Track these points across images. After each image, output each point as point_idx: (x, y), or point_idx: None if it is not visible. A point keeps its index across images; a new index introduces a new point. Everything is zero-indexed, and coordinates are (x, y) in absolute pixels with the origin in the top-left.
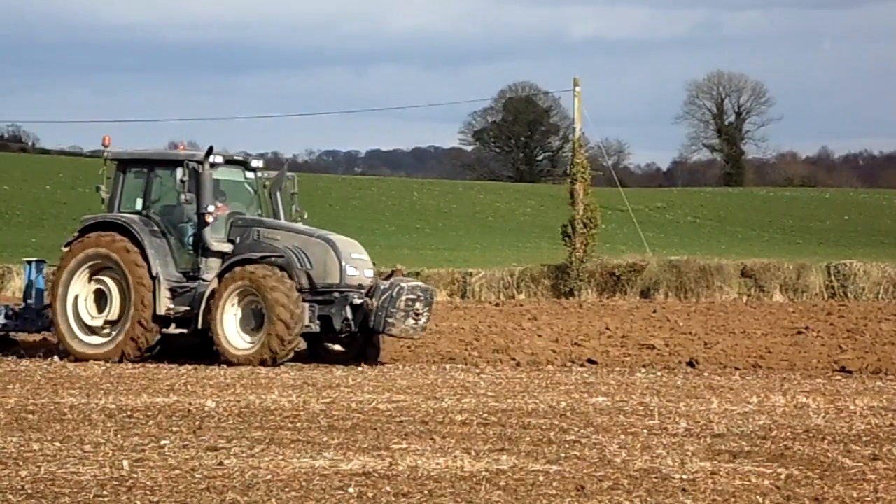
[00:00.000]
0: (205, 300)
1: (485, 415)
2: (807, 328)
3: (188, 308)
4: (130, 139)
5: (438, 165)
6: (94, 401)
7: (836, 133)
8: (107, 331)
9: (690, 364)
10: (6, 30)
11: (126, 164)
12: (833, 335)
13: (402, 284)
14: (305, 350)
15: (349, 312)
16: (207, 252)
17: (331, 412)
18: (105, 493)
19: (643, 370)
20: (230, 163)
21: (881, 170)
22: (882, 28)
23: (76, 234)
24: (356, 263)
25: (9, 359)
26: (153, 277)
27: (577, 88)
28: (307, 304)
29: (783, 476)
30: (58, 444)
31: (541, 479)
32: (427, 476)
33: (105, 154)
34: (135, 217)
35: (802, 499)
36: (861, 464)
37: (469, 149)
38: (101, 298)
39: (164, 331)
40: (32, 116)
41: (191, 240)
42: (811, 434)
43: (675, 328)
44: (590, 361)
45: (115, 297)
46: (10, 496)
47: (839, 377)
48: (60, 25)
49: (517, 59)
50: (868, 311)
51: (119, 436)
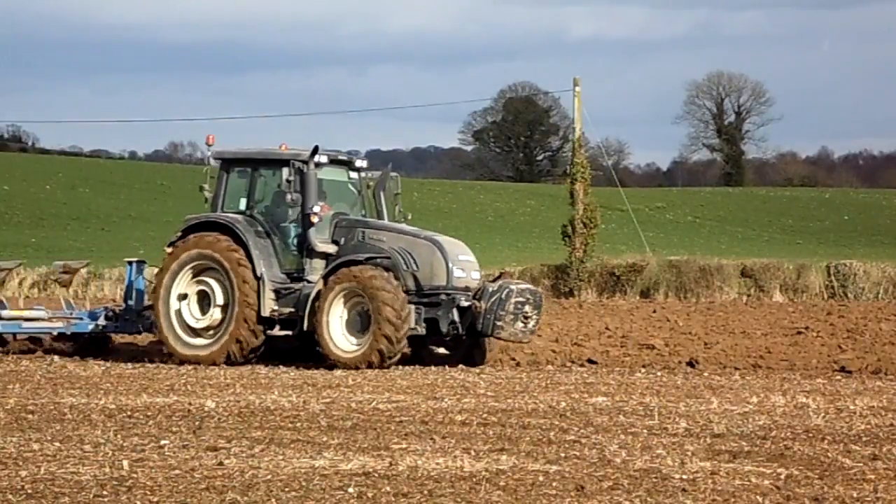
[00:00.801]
0: (310, 302)
1: (485, 415)
2: (807, 328)
3: (293, 309)
4: (130, 139)
5: (438, 165)
6: (94, 401)
7: (836, 133)
8: (210, 332)
9: (690, 364)
10: (6, 30)
11: (229, 164)
12: (833, 335)
13: (511, 287)
14: (409, 353)
15: (456, 315)
16: (312, 253)
17: (331, 412)
18: (105, 493)
19: (643, 370)
20: (334, 162)
21: (881, 170)
22: (882, 28)
23: (179, 235)
24: (463, 265)
25: (9, 358)
26: (257, 278)
27: (577, 88)
28: (413, 307)
29: (783, 476)
30: (58, 444)
31: (541, 479)
32: (427, 476)
33: (208, 153)
34: (239, 217)
35: (802, 499)
36: (861, 464)
37: (469, 149)
38: (205, 300)
39: (269, 332)
40: (32, 116)
41: (295, 240)
42: (811, 434)
43: (675, 328)
44: (590, 361)
45: (219, 299)
46: (10, 496)
47: (839, 377)
48: (60, 25)
49: (517, 59)
50: (868, 311)
51: (119, 436)
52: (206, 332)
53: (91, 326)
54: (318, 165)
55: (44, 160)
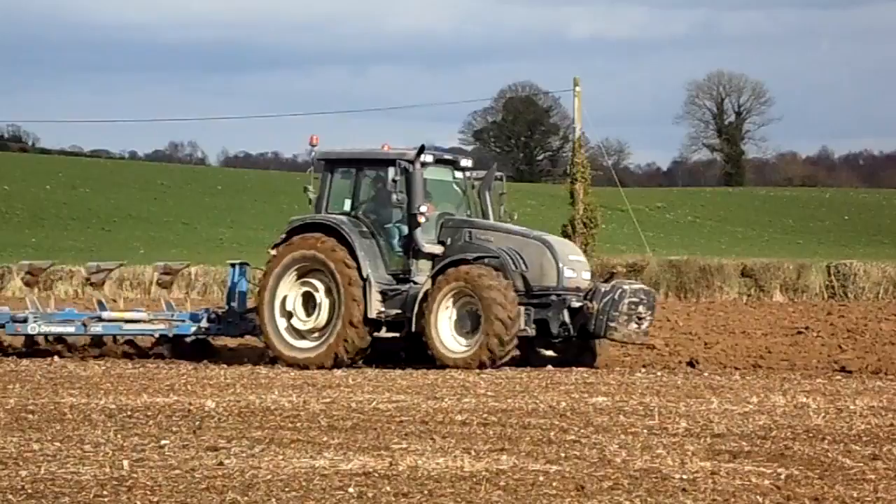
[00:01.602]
0: (418, 303)
1: (485, 415)
2: (807, 328)
3: (400, 311)
4: (131, 139)
5: None
6: (94, 401)
7: (836, 133)
8: (315, 335)
9: (690, 364)
10: (6, 30)
11: (334, 164)
12: (833, 335)
13: (625, 287)
14: (517, 356)
15: (567, 316)
16: (418, 254)
17: (331, 412)
18: (105, 493)
19: (643, 370)
20: (440, 162)
21: (881, 170)
22: (882, 28)
23: (283, 236)
24: (573, 265)
25: (9, 359)
26: (364, 279)
27: (577, 88)
28: (522, 308)
29: (783, 476)
30: (58, 444)
31: (541, 479)
32: (427, 476)
33: (312, 154)
34: (344, 218)
35: (802, 499)
36: (861, 464)
37: (469, 149)
38: (310, 301)
39: (376, 334)
40: (32, 116)
41: (400, 241)
42: (811, 434)
43: (675, 328)
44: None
45: (325, 301)
46: (10, 496)
47: (839, 377)
48: (60, 25)
49: (517, 59)
50: (868, 311)
51: (119, 436)
52: (312, 335)
53: (193, 328)
54: (424, 165)
55: (44, 160)
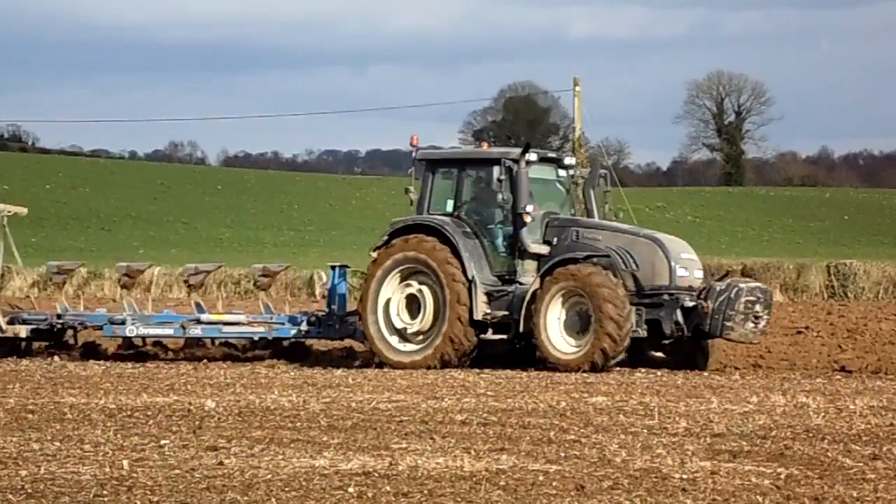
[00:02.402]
0: (525, 304)
1: (485, 415)
2: (807, 328)
3: (506, 312)
4: (130, 139)
5: None
6: (94, 401)
7: (836, 133)
8: (420, 337)
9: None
10: (6, 30)
11: (435, 165)
12: (833, 335)
13: (741, 285)
14: (626, 358)
15: (680, 316)
16: (524, 254)
17: (331, 412)
18: (105, 493)
19: (643, 370)
20: (544, 160)
21: (881, 170)
22: (882, 28)
23: (385, 238)
24: (686, 264)
25: (9, 359)
26: (469, 281)
27: (577, 88)
28: (633, 308)
29: (783, 476)
30: (58, 444)
31: (541, 479)
32: (427, 476)
33: (413, 154)
34: (447, 219)
35: (802, 499)
36: (861, 464)
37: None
38: (413, 304)
39: (482, 336)
40: (32, 116)
41: (505, 241)
42: (811, 434)
43: None
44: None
45: (429, 303)
46: (10, 496)
47: (839, 377)
48: (60, 25)
49: (517, 59)
50: (868, 311)
51: (119, 436)
52: (416, 338)
53: (293, 332)
54: (529, 164)
55: (44, 160)
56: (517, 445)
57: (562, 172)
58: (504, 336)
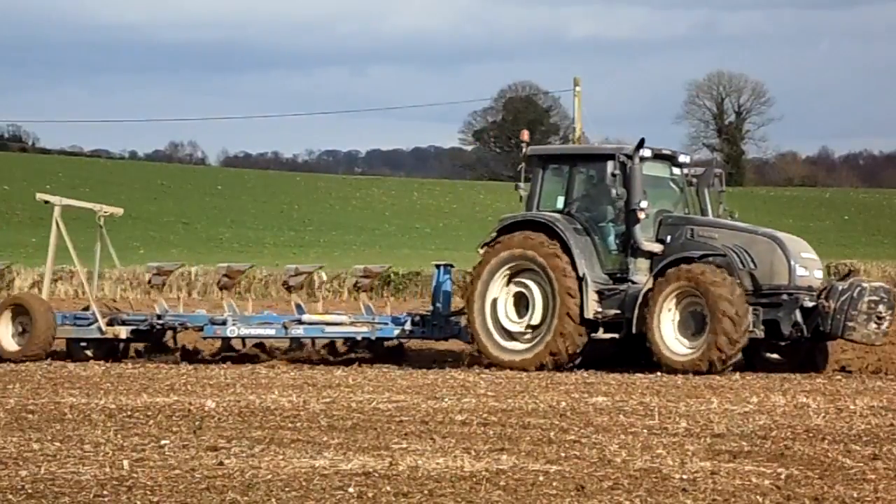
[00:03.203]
0: (638, 303)
1: (485, 415)
2: None
3: (618, 311)
4: (130, 139)
5: (438, 165)
6: (94, 401)
7: (836, 133)
8: (528, 336)
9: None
10: (6, 30)
11: (545, 161)
12: None
13: (864, 285)
14: (741, 359)
15: (799, 316)
16: (637, 252)
17: (331, 412)
18: (105, 493)
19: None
20: (658, 157)
21: (881, 170)
22: (882, 28)
23: (494, 235)
24: (806, 263)
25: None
26: (580, 279)
27: (577, 88)
28: (751, 308)
29: (783, 476)
30: (58, 444)
31: (541, 479)
32: (427, 476)
33: (523, 150)
34: (557, 216)
35: (802, 499)
36: (861, 464)
37: (469, 149)
38: (522, 302)
39: (593, 336)
40: (32, 116)
41: (617, 239)
42: (811, 434)
43: None
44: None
45: (538, 301)
46: (10, 496)
47: (839, 377)
48: (60, 25)
49: (517, 59)
50: None
51: (119, 436)
52: (524, 337)
53: (397, 332)
54: (643, 160)
55: (44, 160)
56: (517, 445)
57: (675, 170)
58: (615, 335)
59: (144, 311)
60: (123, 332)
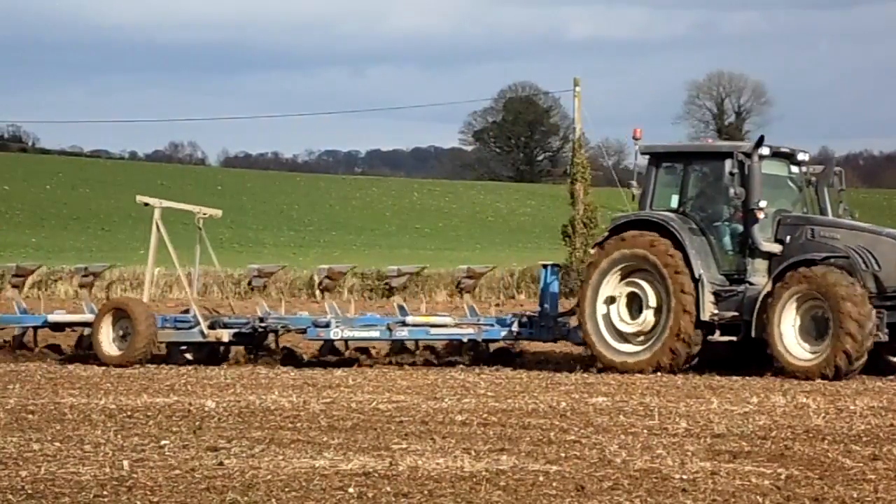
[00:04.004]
0: (757, 305)
1: (485, 415)
2: None
3: (735, 313)
4: (130, 139)
5: (438, 165)
6: (94, 401)
7: (836, 133)
8: (641, 338)
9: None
10: (6, 30)
11: (659, 159)
12: None
13: None
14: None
15: None
16: (755, 252)
17: (331, 412)
18: (105, 493)
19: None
20: (776, 155)
21: (881, 170)
22: (882, 28)
23: (606, 234)
24: None
25: (9, 358)
26: (695, 280)
27: (577, 88)
28: (874, 311)
29: (783, 476)
30: (58, 444)
31: (541, 479)
32: (427, 476)
33: (636, 148)
34: (672, 215)
35: (802, 499)
36: (861, 464)
37: (469, 149)
38: (635, 303)
39: (709, 338)
40: (32, 116)
41: (733, 239)
42: (811, 434)
43: None
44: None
45: (652, 302)
46: (10, 496)
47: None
48: (60, 25)
49: (517, 59)
50: None
51: (119, 436)
52: (637, 338)
53: (503, 333)
54: (761, 158)
55: (44, 160)
56: (517, 446)
57: (794, 168)
58: (733, 338)
59: (246, 315)
60: (226, 336)
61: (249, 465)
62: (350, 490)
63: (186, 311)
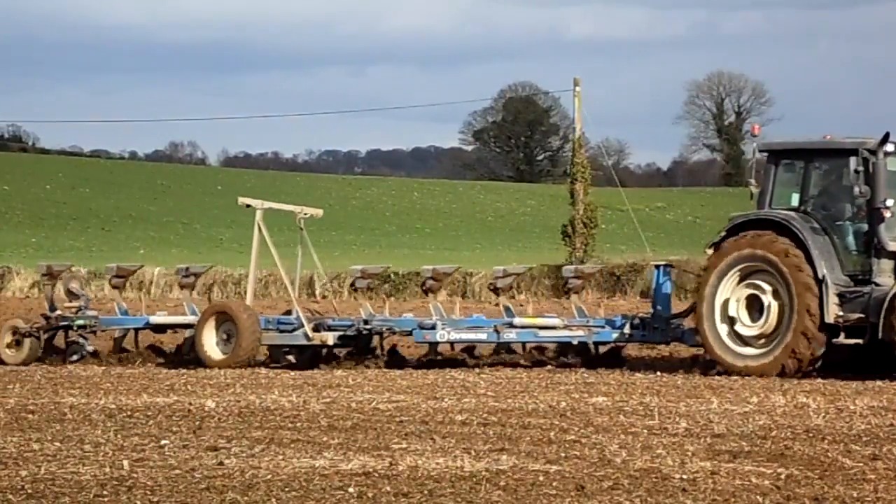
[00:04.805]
0: (884, 307)
1: (485, 415)
2: None
3: (861, 315)
4: (130, 139)
5: (438, 165)
6: (94, 401)
7: (836, 133)
8: (762, 341)
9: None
10: (6, 30)
11: (778, 156)
12: None
13: None
14: None
15: None
16: (880, 252)
17: (331, 412)
18: (105, 493)
19: (643, 370)
20: None
21: None
22: (882, 28)
23: (723, 234)
24: None
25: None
26: (819, 281)
27: (577, 88)
28: None
29: (783, 476)
30: (58, 444)
31: (541, 479)
32: (427, 476)
33: (753, 145)
34: (793, 214)
35: (802, 499)
36: (861, 464)
37: (469, 149)
38: (755, 305)
39: (834, 340)
40: (32, 116)
41: (858, 239)
42: (811, 434)
43: None
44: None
45: (773, 304)
46: (10, 496)
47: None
48: (60, 25)
49: (517, 59)
50: None
51: (119, 436)
52: (758, 341)
53: (615, 335)
54: (887, 155)
55: (44, 160)
56: (517, 446)
57: None
58: (859, 340)
59: (351, 317)
60: (331, 338)
61: (249, 465)
62: (350, 490)
63: (288, 313)
